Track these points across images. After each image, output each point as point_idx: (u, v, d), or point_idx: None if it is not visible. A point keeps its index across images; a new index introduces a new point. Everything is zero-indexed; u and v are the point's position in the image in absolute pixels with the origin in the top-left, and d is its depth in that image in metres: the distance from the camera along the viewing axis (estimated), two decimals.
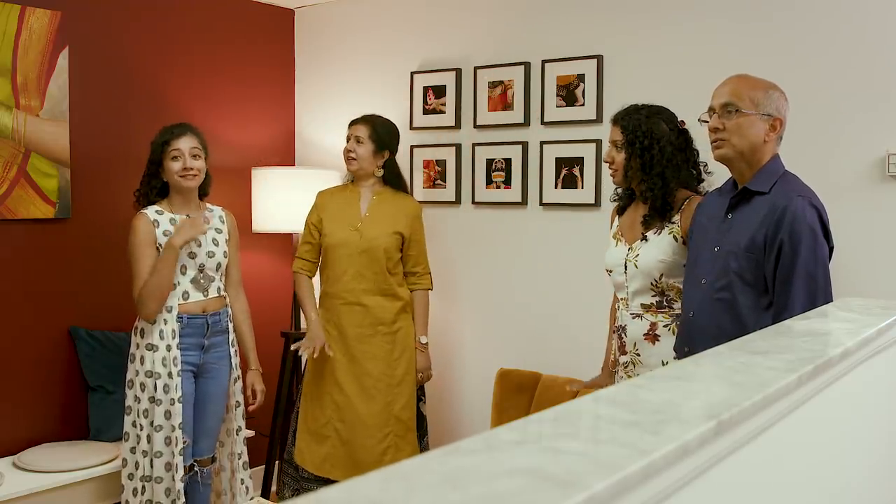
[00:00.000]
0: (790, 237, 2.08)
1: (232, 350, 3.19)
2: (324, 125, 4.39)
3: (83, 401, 3.59)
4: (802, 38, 2.99)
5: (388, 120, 3.48)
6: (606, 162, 2.70)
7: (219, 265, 3.14)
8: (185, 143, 3.05)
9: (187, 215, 3.08)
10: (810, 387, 1.24)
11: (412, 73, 4.01)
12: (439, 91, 3.92)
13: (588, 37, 3.48)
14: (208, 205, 3.23)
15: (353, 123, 3.43)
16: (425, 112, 3.97)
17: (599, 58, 3.44)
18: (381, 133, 3.38)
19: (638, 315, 2.62)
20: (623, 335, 2.66)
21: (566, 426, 0.92)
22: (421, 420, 3.55)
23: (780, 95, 2.24)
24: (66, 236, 3.55)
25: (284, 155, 4.44)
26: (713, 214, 2.32)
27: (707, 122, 2.27)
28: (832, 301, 2.08)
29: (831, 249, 2.16)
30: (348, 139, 3.40)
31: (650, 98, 2.77)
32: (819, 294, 2.08)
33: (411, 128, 4.00)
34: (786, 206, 2.10)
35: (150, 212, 3.05)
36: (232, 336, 3.20)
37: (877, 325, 1.62)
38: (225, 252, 3.17)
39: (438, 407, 3.86)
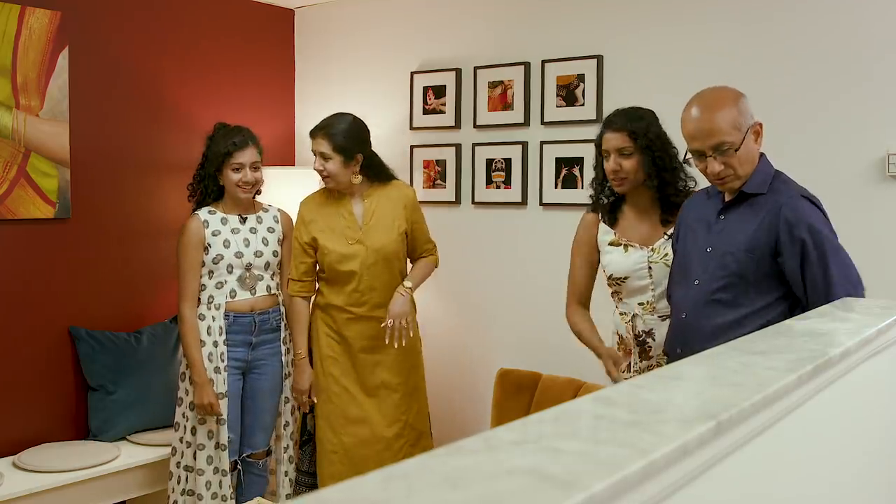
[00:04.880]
0: (810, 233, 2.05)
1: (283, 348, 3.22)
2: None
3: (83, 401, 3.59)
4: (802, 38, 2.99)
5: (350, 121, 3.12)
6: (610, 171, 2.56)
7: (267, 264, 3.17)
8: (247, 157, 3.09)
9: (240, 215, 3.15)
10: (810, 387, 1.24)
11: (412, 73, 4.01)
12: (439, 91, 3.92)
13: (588, 37, 3.48)
14: (264, 204, 3.28)
15: (312, 136, 3.10)
16: (425, 112, 3.97)
17: (599, 58, 3.44)
18: (344, 142, 3.05)
19: (668, 317, 2.50)
20: (648, 340, 2.58)
21: (566, 426, 0.92)
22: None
23: (744, 99, 2.12)
24: (66, 236, 3.55)
25: (284, 155, 4.44)
26: (701, 216, 2.28)
27: (698, 164, 2.16)
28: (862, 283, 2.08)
29: None
30: (314, 155, 3.09)
31: (650, 98, 2.77)
32: (855, 276, 2.07)
33: (411, 128, 4.01)
34: (793, 204, 2.08)
35: (203, 213, 3.11)
36: (284, 334, 3.23)
37: (877, 325, 1.62)
38: (275, 251, 3.19)
39: (439, 407, 3.86)
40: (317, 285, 3.25)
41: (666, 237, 2.57)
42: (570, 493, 0.69)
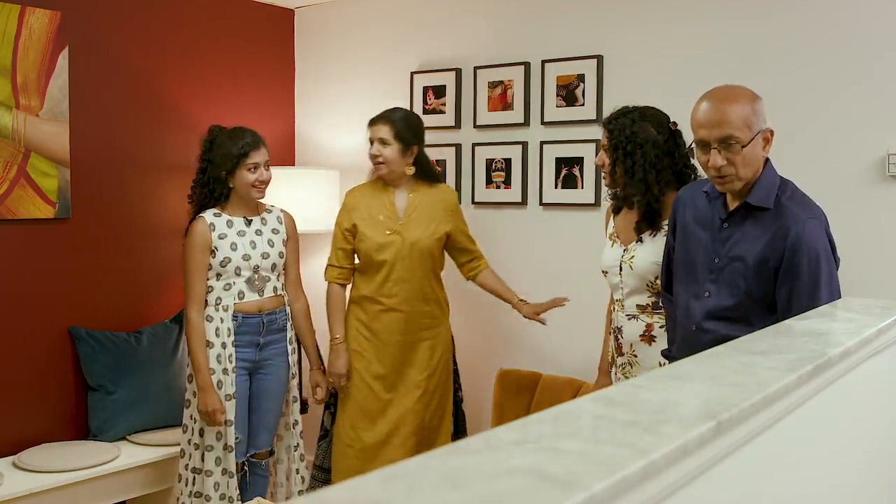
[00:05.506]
0: (808, 263, 2.02)
1: (289, 348, 3.23)
2: (324, 125, 4.39)
3: (83, 401, 3.59)
4: (803, 38, 2.99)
5: (410, 112, 3.29)
6: (598, 165, 2.71)
7: (274, 265, 3.17)
8: (262, 156, 3.11)
9: (245, 217, 3.15)
10: (810, 387, 1.24)
11: (412, 73, 4.01)
12: (439, 91, 3.92)
13: (588, 37, 3.48)
14: (267, 205, 3.27)
15: (372, 123, 3.21)
16: (425, 112, 3.97)
17: (599, 58, 3.44)
18: (404, 130, 3.16)
19: (633, 316, 2.62)
20: (619, 336, 2.66)
21: (566, 426, 0.92)
22: (461, 418, 3.44)
23: (760, 102, 2.08)
24: (66, 236, 3.55)
25: (284, 155, 4.44)
26: (703, 218, 2.24)
27: (700, 156, 2.10)
28: None
29: (837, 262, 2.13)
30: (371, 141, 3.19)
31: (650, 98, 2.77)
32: None
33: None
34: (801, 231, 2.03)
35: (209, 215, 3.10)
36: (290, 334, 3.24)
37: (877, 325, 1.61)
38: (280, 252, 3.20)
39: None
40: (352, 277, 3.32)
41: (638, 241, 2.62)
42: (570, 493, 0.69)
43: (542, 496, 0.69)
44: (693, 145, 2.13)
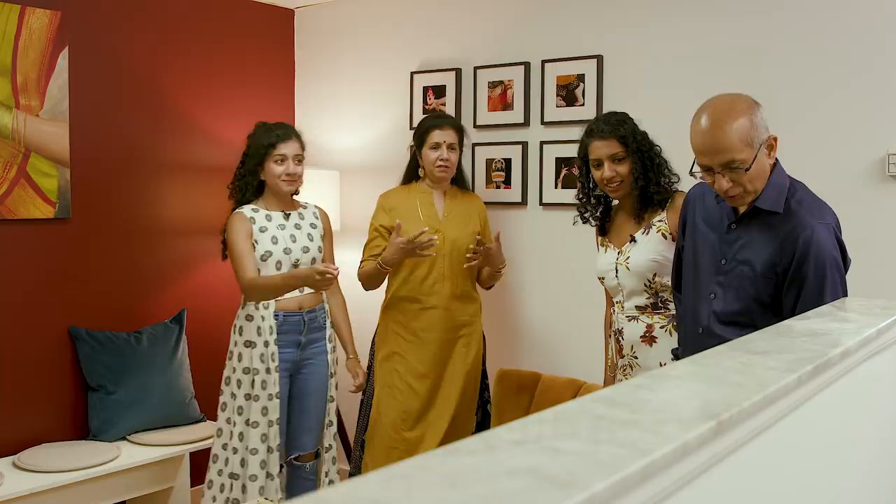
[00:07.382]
0: (815, 269, 1.98)
1: (329, 346, 3.22)
2: (324, 125, 4.38)
3: (83, 401, 3.59)
4: (802, 38, 2.99)
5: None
6: (607, 178, 2.63)
7: (314, 260, 3.15)
8: (291, 149, 3.08)
9: (283, 212, 3.13)
10: (810, 387, 1.24)
11: (412, 73, 4.01)
12: (439, 91, 3.92)
13: (588, 37, 3.48)
14: (302, 202, 3.26)
15: (440, 126, 3.21)
16: (425, 112, 3.96)
17: (599, 58, 3.44)
18: (463, 137, 3.30)
19: (633, 317, 2.63)
20: (620, 338, 2.67)
21: (566, 426, 0.91)
22: (487, 419, 3.47)
23: (758, 109, 1.97)
24: (66, 236, 3.55)
25: None
26: (711, 218, 2.21)
27: (706, 178, 2.03)
28: None
29: (847, 265, 2.09)
30: (436, 146, 3.20)
31: (650, 98, 2.78)
32: None
33: (411, 128, 4.00)
34: (810, 237, 1.98)
35: (247, 210, 3.09)
36: (329, 332, 3.23)
37: (877, 325, 1.61)
38: (320, 247, 3.19)
39: None
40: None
41: (631, 241, 2.63)
42: (570, 493, 0.69)
43: (542, 496, 0.69)
44: (696, 167, 2.04)
